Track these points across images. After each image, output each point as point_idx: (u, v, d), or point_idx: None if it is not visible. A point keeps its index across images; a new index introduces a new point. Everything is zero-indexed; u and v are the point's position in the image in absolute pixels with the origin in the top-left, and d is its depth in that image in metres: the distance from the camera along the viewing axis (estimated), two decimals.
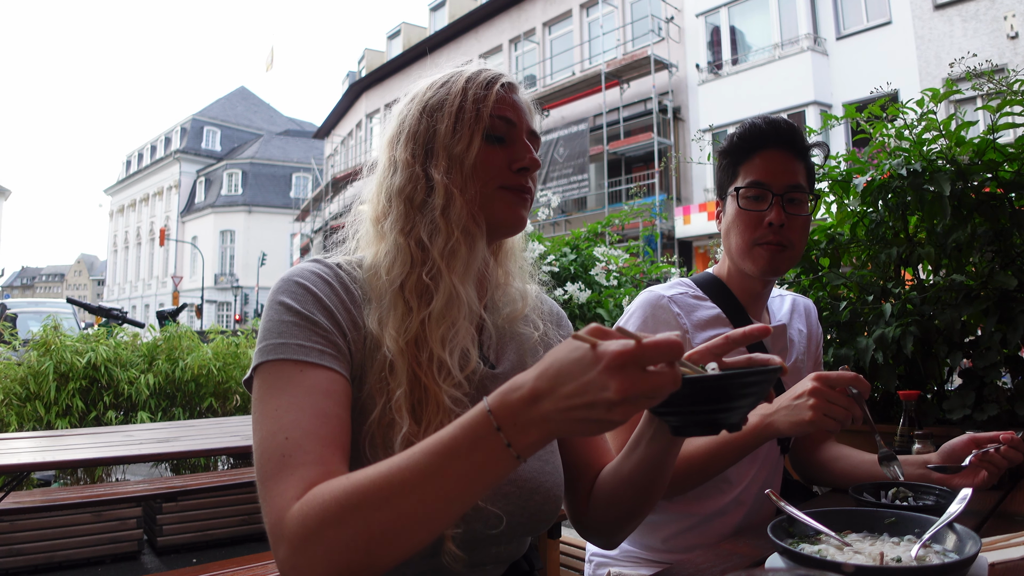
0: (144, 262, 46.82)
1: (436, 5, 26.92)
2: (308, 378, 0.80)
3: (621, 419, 0.61)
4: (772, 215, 1.40)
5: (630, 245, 5.95)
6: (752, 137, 1.45)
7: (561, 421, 0.63)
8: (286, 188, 41.96)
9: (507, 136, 0.97)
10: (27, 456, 2.21)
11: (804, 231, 1.45)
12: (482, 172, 0.94)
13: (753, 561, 0.96)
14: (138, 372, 4.51)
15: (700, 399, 0.71)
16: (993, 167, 1.91)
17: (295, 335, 0.82)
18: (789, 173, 1.42)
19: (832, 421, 1.11)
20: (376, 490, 0.67)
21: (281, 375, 0.80)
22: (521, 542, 0.99)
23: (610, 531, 1.04)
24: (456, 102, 0.95)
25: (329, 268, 0.92)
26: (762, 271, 1.43)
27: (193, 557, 3.60)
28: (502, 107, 0.96)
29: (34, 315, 9.86)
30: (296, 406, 0.77)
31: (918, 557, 0.81)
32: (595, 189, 18.08)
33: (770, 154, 1.43)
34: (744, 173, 1.45)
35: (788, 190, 1.41)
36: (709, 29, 16.57)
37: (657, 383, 0.59)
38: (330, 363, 0.82)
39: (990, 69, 2.10)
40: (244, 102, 50.61)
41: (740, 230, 1.45)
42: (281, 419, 0.77)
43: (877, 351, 1.95)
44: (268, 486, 0.74)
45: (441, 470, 0.66)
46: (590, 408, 0.61)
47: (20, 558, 3.23)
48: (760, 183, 1.42)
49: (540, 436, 0.64)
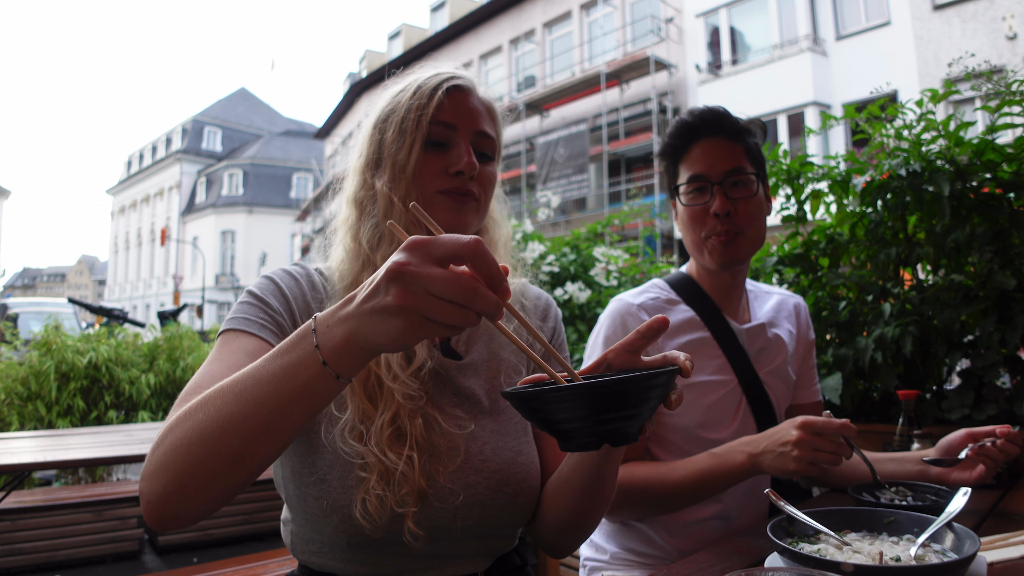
0: (145, 262, 46.80)
1: (436, 6, 26.93)
2: (239, 340, 0.87)
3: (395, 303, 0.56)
4: (715, 205, 1.38)
5: (630, 245, 5.95)
6: (682, 133, 1.44)
7: (357, 316, 0.59)
8: (287, 188, 41.95)
9: (447, 140, 0.98)
10: (28, 455, 2.22)
11: (755, 214, 1.42)
12: (420, 178, 0.97)
13: (753, 561, 0.96)
14: (139, 372, 4.52)
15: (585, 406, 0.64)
16: (992, 167, 1.92)
17: (245, 312, 0.91)
18: (726, 159, 1.40)
19: (817, 468, 1.10)
20: (210, 395, 0.68)
21: (223, 342, 0.88)
22: (505, 536, 0.99)
23: (555, 538, 1.02)
24: (402, 111, 0.98)
25: (303, 268, 1.00)
26: (719, 263, 1.42)
27: (194, 556, 3.60)
28: (442, 112, 0.97)
29: (35, 315, 9.88)
30: (218, 360, 0.84)
31: (917, 556, 0.81)
32: (595, 189, 18.07)
33: (703, 144, 1.42)
34: (683, 170, 1.44)
35: (727, 175, 1.39)
36: (709, 30, 16.56)
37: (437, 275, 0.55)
38: (266, 335, 0.88)
39: (989, 70, 2.10)
40: (245, 103, 50.60)
41: (689, 227, 1.44)
42: (204, 371, 0.83)
43: (876, 351, 1.95)
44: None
45: (259, 370, 0.66)
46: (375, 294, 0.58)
47: (21, 557, 3.24)
48: (698, 175, 1.41)
49: (343, 337, 0.60)
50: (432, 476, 0.89)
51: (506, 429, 1.00)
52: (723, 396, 1.41)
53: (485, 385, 1.02)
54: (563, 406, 0.65)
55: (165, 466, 0.68)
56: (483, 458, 0.95)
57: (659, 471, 1.28)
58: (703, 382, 1.40)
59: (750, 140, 1.44)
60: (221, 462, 0.66)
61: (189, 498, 0.68)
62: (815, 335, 2.18)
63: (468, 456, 0.94)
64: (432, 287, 0.55)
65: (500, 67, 21.93)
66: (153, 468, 0.69)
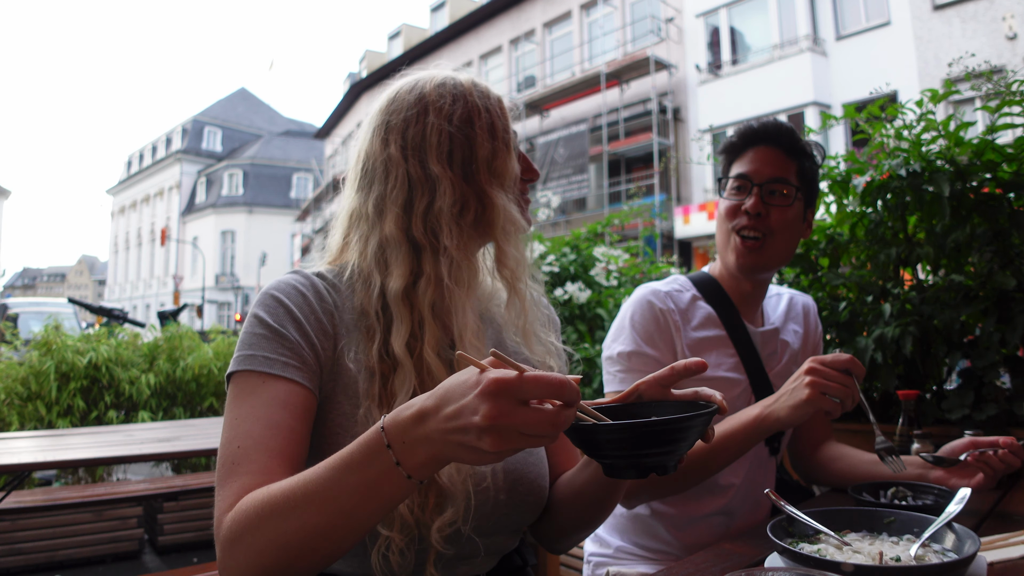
0: (145, 262, 46.80)
1: (436, 6, 26.93)
2: (269, 389, 0.83)
3: (491, 450, 0.60)
4: (749, 203, 1.41)
5: (630, 245, 5.94)
6: (744, 135, 1.48)
7: (442, 443, 0.63)
8: (287, 188, 41.95)
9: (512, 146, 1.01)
10: (28, 455, 2.22)
11: (788, 223, 1.43)
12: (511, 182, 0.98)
13: (753, 561, 0.96)
14: (139, 372, 4.52)
15: (629, 443, 0.70)
16: (992, 167, 1.92)
17: (263, 347, 0.86)
18: (774, 167, 1.43)
19: (830, 401, 1.12)
20: (285, 501, 0.71)
21: (246, 385, 0.84)
22: (511, 535, 1.00)
23: (559, 538, 1.04)
24: (483, 114, 0.97)
25: (307, 279, 0.94)
26: (739, 265, 1.44)
27: (194, 556, 3.60)
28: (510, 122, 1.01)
29: (35, 315, 9.88)
30: (252, 416, 0.81)
31: (917, 556, 0.81)
32: (595, 189, 18.07)
33: (760, 150, 1.45)
34: (734, 168, 1.48)
35: (770, 181, 1.42)
36: (709, 30, 16.56)
37: (531, 419, 0.59)
38: (292, 375, 0.85)
39: (989, 70, 2.10)
40: (245, 103, 50.60)
41: (721, 220, 1.48)
42: (237, 428, 0.81)
43: (876, 351, 1.95)
44: (218, 490, 0.79)
45: (339, 484, 0.68)
46: (463, 433, 0.61)
47: (21, 557, 3.24)
48: (743, 175, 1.44)
49: (427, 457, 0.65)
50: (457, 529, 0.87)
51: None
52: (736, 396, 1.42)
53: None
54: (612, 442, 0.71)
55: (258, 566, 0.71)
56: None
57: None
58: (718, 378, 1.41)
59: (806, 162, 1.47)
60: (316, 562, 0.72)
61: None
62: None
63: None
64: (525, 429, 0.60)
65: (500, 67, 21.92)
66: (243, 562, 0.72)
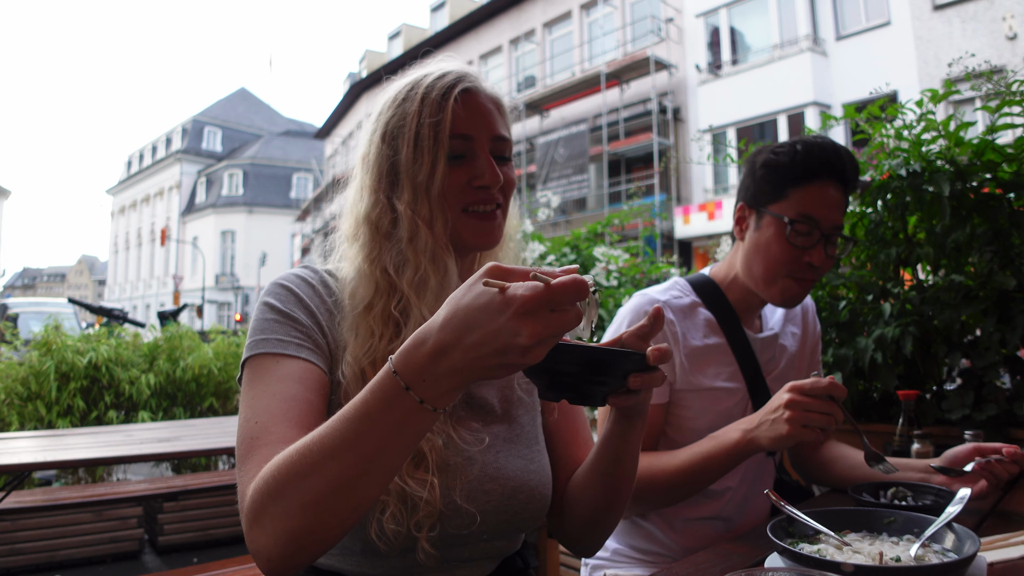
0: (145, 262, 46.78)
1: (436, 6, 26.92)
2: (283, 367, 0.85)
3: (535, 360, 0.62)
4: (815, 256, 1.33)
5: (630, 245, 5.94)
6: (817, 161, 1.34)
7: (472, 369, 0.63)
8: (287, 188, 41.94)
9: (466, 152, 0.93)
10: (28, 456, 2.22)
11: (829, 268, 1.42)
12: (445, 198, 0.92)
13: (753, 561, 0.96)
14: (139, 372, 4.52)
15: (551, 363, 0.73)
16: (992, 167, 1.92)
17: (275, 331, 0.87)
18: (838, 212, 1.35)
19: (812, 431, 1.08)
20: (302, 459, 0.69)
21: (261, 368, 0.85)
22: (513, 538, 1.00)
23: (582, 534, 1.03)
24: (413, 125, 0.92)
25: (314, 272, 0.96)
26: (784, 303, 1.39)
27: (194, 556, 3.60)
28: (457, 123, 0.91)
29: (35, 315, 9.87)
30: (268, 393, 0.82)
31: (917, 557, 0.81)
32: (595, 189, 18.06)
33: (828, 187, 1.34)
34: (796, 199, 1.34)
35: (835, 231, 1.35)
36: (709, 30, 16.56)
37: (565, 323, 0.61)
38: (306, 355, 0.86)
39: (989, 70, 2.10)
40: (245, 103, 50.59)
41: (775, 259, 1.36)
42: (255, 406, 0.82)
43: (876, 351, 1.95)
44: (240, 469, 0.78)
45: (358, 433, 0.67)
46: (503, 354, 0.61)
47: (21, 557, 3.24)
48: (812, 218, 1.33)
49: (452, 386, 0.64)
50: (449, 496, 0.88)
51: (519, 438, 1.00)
52: (733, 405, 1.41)
53: (498, 394, 1.01)
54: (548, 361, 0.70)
55: (286, 531, 0.70)
56: (497, 466, 0.94)
57: (660, 458, 1.28)
58: (717, 388, 1.40)
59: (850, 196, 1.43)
60: (345, 516, 0.70)
61: (313, 553, 0.72)
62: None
63: (483, 465, 0.93)
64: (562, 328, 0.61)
65: (500, 67, 21.92)
66: (270, 531, 0.70)
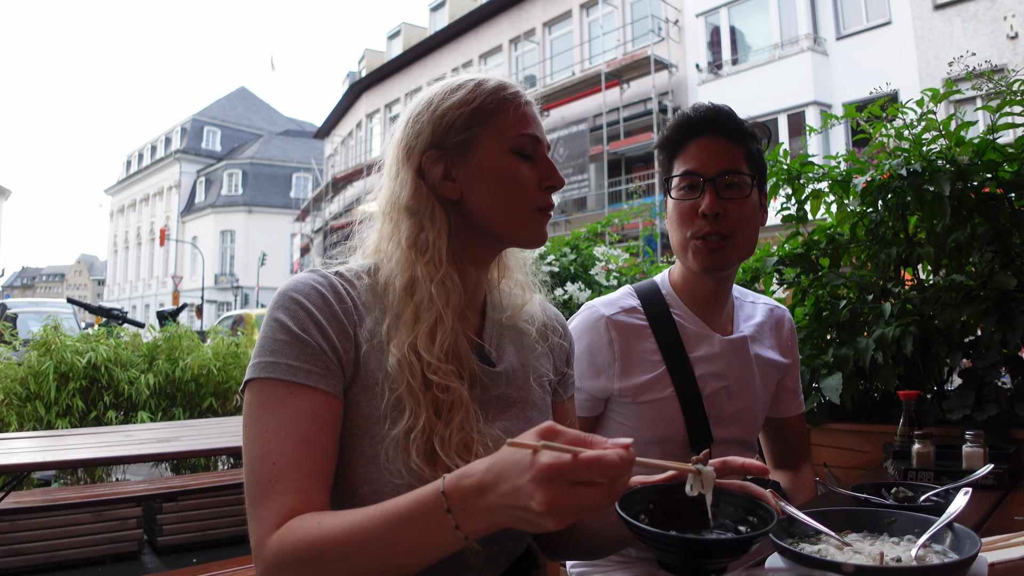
0: (144, 262, 46.77)
1: (436, 5, 26.91)
2: (296, 401, 0.83)
3: (554, 527, 0.62)
4: (705, 204, 1.33)
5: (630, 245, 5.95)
6: (682, 127, 1.39)
7: (503, 516, 0.65)
8: (286, 188, 41.93)
9: (535, 154, 0.96)
10: (27, 456, 2.21)
11: (747, 218, 1.36)
12: (515, 192, 0.94)
13: (753, 561, 0.96)
14: (138, 372, 4.51)
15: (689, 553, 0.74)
16: (993, 167, 1.91)
17: (286, 354, 0.85)
18: (722, 158, 1.35)
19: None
20: (336, 543, 0.73)
21: (273, 395, 0.84)
22: (520, 540, 1.01)
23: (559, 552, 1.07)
24: (482, 116, 0.94)
25: (325, 279, 0.92)
26: (702, 267, 1.37)
27: (193, 557, 3.60)
28: (529, 124, 0.96)
29: (34, 315, 9.86)
30: (284, 432, 0.81)
31: (918, 557, 0.81)
32: (595, 189, 18.07)
33: (702, 141, 1.37)
34: (678, 165, 1.39)
35: (721, 174, 1.34)
36: (709, 29, 16.56)
37: (587, 499, 0.61)
38: (317, 383, 0.84)
39: (990, 69, 2.09)
40: (244, 102, 50.57)
41: (676, 224, 1.39)
42: (270, 443, 0.81)
43: (877, 351, 1.95)
44: (255, 507, 0.81)
45: (394, 537, 0.71)
46: (524, 511, 0.63)
47: (20, 558, 3.23)
48: (691, 171, 1.36)
49: (486, 524, 0.67)
50: None
51: None
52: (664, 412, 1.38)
53: (516, 393, 1.01)
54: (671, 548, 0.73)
55: None
56: None
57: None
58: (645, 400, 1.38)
59: (752, 144, 1.39)
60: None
61: None
62: (816, 335, 2.18)
63: None
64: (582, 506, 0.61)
65: (500, 67, 21.91)
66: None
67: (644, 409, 1.38)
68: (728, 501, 0.84)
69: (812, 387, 2.10)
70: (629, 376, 1.38)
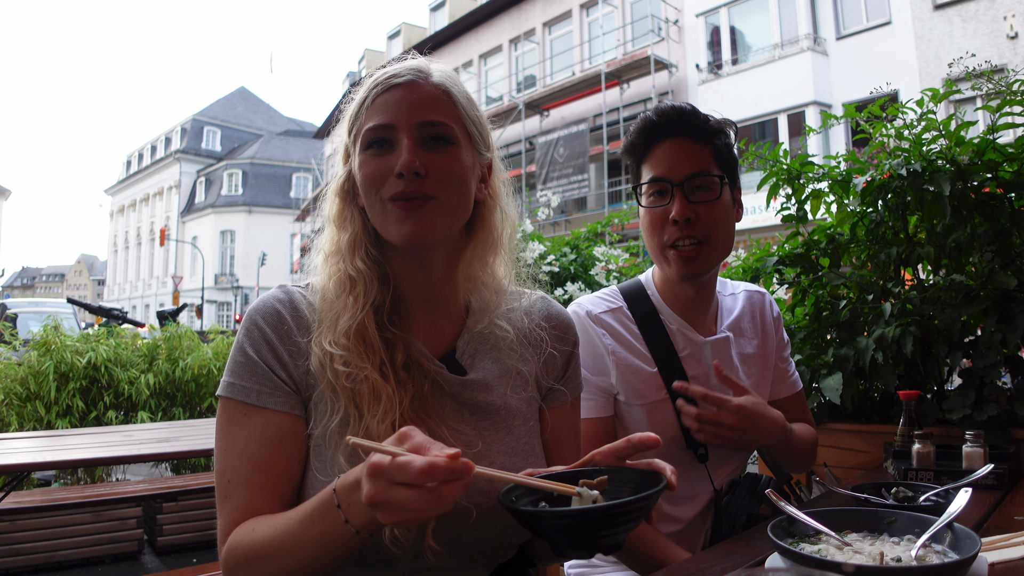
0: (144, 262, 46.78)
1: (436, 5, 26.91)
2: (250, 423, 0.90)
3: (386, 522, 0.67)
4: (675, 210, 1.31)
5: (630, 245, 5.95)
6: (645, 132, 1.37)
7: (374, 512, 0.68)
8: (286, 188, 41.93)
9: (390, 139, 0.93)
10: (27, 456, 2.21)
11: (720, 220, 1.34)
12: (373, 187, 0.94)
13: (753, 561, 0.96)
14: (138, 372, 4.51)
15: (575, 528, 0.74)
16: (993, 167, 1.91)
17: (241, 375, 0.91)
18: (689, 160, 1.33)
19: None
20: (265, 546, 0.82)
21: (232, 414, 0.91)
22: (508, 546, 0.99)
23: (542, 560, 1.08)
24: (355, 117, 0.97)
25: (287, 295, 0.98)
26: (679, 276, 1.36)
27: (193, 557, 3.60)
28: (374, 114, 0.94)
29: (34, 315, 9.85)
30: (236, 451, 0.90)
31: (918, 557, 0.81)
32: (595, 189, 18.07)
33: (667, 144, 1.35)
34: (645, 171, 1.38)
35: (689, 178, 1.32)
36: (709, 29, 16.56)
37: (407, 498, 0.64)
38: (268, 403, 0.90)
39: (990, 69, 2.09)
40: (244, 102, 50.58)
41: (649, 232, 1.38)
42: (226, 461, 0.90)
43: (877, 351, 1.95)
44: (218, 511, 0.90)
45: (304, 534, 0.78)
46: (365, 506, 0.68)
47: (20, 558, 3.23)
48: (658, 177, 1.34)
49: (366, 518, 0.72)
50: None
51: (515, 449, 0.99)
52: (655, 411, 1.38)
53: (496, 401, 0.99)
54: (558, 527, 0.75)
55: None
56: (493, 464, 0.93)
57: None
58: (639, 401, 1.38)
59: (719, 141, 1.37)
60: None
61: None
62: (816, 335, 2.18)
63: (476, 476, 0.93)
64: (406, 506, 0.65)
65: (500, 67, 21.91)
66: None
67: (640, 411, 1.38)
68: (621, 480, 0.83)
69: (812, 387, 2.10)
70: (623, 374, 1.38)
